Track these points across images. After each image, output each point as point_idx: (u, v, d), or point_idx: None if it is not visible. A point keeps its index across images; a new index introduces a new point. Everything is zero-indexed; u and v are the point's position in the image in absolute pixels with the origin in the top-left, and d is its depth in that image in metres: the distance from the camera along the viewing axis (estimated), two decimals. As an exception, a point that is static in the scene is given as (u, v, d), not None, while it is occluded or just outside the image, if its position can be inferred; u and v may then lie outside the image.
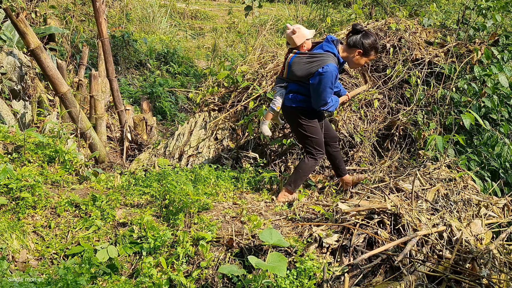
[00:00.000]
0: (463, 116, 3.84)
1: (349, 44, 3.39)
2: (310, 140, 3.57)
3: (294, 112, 3.51)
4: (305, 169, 3.64)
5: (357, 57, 3.39)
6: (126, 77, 8.66)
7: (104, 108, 5.67)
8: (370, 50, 3.36)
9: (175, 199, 3.25)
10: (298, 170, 3.65)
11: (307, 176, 3.72)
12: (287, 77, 3.45)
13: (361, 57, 3.39)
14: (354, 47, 3.37)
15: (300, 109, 3.49)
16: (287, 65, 3.41)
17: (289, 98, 3.49)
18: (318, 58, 3.31)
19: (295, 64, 3.37)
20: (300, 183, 3.71)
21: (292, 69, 3.38)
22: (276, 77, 3.58)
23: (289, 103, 3.50)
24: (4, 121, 4.62)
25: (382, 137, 4.74)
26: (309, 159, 3.62)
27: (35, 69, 5.59)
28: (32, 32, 4.12)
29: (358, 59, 3.41)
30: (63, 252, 2.93)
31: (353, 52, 3.39)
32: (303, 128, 3.53)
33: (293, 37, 3.38)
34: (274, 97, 3.53)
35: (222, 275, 2.75)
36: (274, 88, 3.57)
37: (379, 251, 2.62)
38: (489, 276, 2.51)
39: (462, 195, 3.34)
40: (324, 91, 3.34)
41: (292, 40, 3.40)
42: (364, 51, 3.36)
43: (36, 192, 3.20)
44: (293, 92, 3.47)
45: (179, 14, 14.05)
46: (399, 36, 5.11)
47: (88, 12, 9.07)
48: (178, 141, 5.02)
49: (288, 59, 3.43)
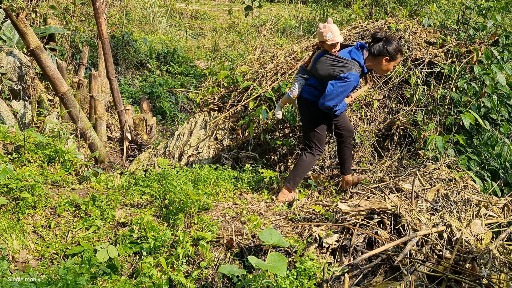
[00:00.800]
0: (463, 116, 3.84)
1: (374, 54, 3.43)
2: (314, 133, 3.61)
3: (310, 103, 3.57)
4: (304, 165, 3.66)
5: (385, 63, 3.45)
6: (126, 77, 8.66)
7: (104, 108, 5.68)
8: (396, 54, 3.41)
9: (175, 199, 3.25)
10: (297, 167, 3.68)
11: (306, 173, 3.73)
12: (311, 70, 3.53)
13: (388, 63, 3.45)
14: (380, 56, 3.42)
15: (312, 104, 3.56)
16: (313, 60, 3.49)
17: (307, 90, 3.57)
18: (343, 64, 3.35)
19: (320, 62, 3.44)
20: (299, 180, 3.72)
21: (317, 66, 3.46)
22: (301, 66, 3.65)
23: (306, 95, 3.57)
24: (4, 121, 4.62)
25: (382, 137, 4.74)
26: (307, 155, 3.65)
27: (35, 69, 5.59)
28: (32, 32, 4.12)
29: (387, 65, 3.47)
30: (63, 252, 2.93)
31: (379, 60, 3.44)
32: (313, 119, 3.59)
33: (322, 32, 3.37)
34: (293, 85, 3.60)
35: (222, 275, 2.75)
36: (296, 76, 3.63)
37: (379, 251, 2.62)
38: (489, 276, 2.51)
39: (462, 195, 3.34)
40: (337, 97, 3.38)
41: (320, 34, 3.40)
42: (390, 57, 3.41)
43: (36, 192, 3.20)
44: (312, 86, 3.55)
45: (179, 14, 14.05)
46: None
47: (88, 12, 9.08)
48: (178, 141, 5.03)
49: (315, 54, 3.50)
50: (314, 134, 3.62)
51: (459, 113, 4.35)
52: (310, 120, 3.62)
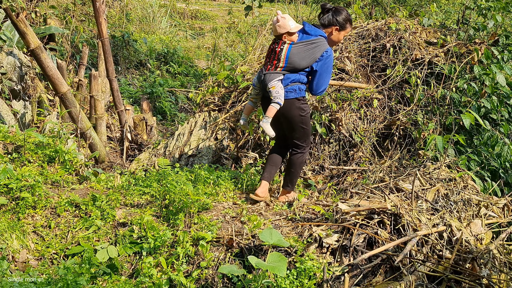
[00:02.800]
0: (463, 116, 3.84)
1: (324, 24, 3.43)
2: (304, 132, 3.48)
3: (295, 104, 3.39)
4: (298, 166, 3.57)
5: (335, 33, 3.45)
6: (126, 77, 8.66)
7: (104, 108, 5.67)
8: (345, 24, 3.43)
9: (175, 199, 3.25)
10: (291, 170, 3.58)
11: (301, 171, 3.69)
12: (285, 67, 3.32)
13: (339, 32, 3.45)
14: (330, 26, 3.43)
15: (302, 100, 3.41)
16: (285, 56, 3.29)
17: (292, 90, 3.36)
18: (318, 43, 3.29)
19: (294, 54, 3.28)
20: (297, 180, 3.69)
21: (293, 60, 3.28)
22: (265, 72, 3.36)
23: (293, 95, 3.36)
24: (4, 121, 4.62)
25: (382, 137, 4.74)
26: (298, 156, 3.54)
27: (35, 69, 5.59)
28: (32, 32, 4.12)
29: (337, 35, 3.46)
30: (63, 252, 2.93)
31: (330, 30, 3.44)
32: (301, 120, 3.44)
33: (283, 24, 3.28)
34: (276, 92, 3.32)
35: (222, 275, 2.75)
36: (272, 82, 3.33)
37: (379, 251, 2.62)
38: (489, 276, 2.51)
39: (462, 195, 3.34)
40: (328, 75, 3.38)
41: (281, 27, 3.29)
42: (340, 27, 3.43)
43: (36, 192, 3.20)
44: (295, 82, 3.36)
45: (179, 14, 14.05)
46: (399, 36, 5.12)
47: (88, 12, 9.08)
48: (178, 141, 5.03)
49: (284, 51, 3.29)
50: (305, 132, 3.49)
51: (459, 113, 4.35)
52: (299, 120, 3.43)
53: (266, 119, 3.38)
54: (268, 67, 3.36)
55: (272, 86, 3.33)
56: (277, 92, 3.32)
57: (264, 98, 3.48)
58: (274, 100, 3.33)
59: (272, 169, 3.63)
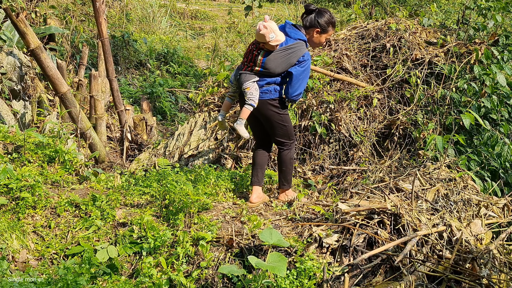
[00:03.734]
0: (463, 116, 3.84)
1: (306, 26, 3.39)
2: (286, 129, 3.48)
3: (271, 104, 3.39)
4: (288, 163, 3.57)
5: (316, 36, 3.40)
6: (126, 77, 8.66)
7: (104, 108, 5.68)
8: (327, 27, 3.38)
9: (175, 199, 3.25)
10: (282, 168, 3.59)
11: (292, 167, 3.68)
12: (261, 71, 3.30)
13: (320, 35, 3.40)
14: (312, 27, 3.38)
15: (278, 100, 3.40)
16: (261, 61, 3.27)
17: (267, 91, 3.36)
18: (295, 49, 3.26)
19: (270, 61, 3.26)
20: (291, 177, 3.69)
21: (268, 65, 3.27)
22: (242, 71, 3.33)
23: (268, 96, 3.36)
24: (4, 121, 4.62)
25: (382, 137, 4.74)
26: (285, 153, 3.54)
27: (35, 69, 5.59)
28: (32, 32, 4.12)
29: (318, 37, 3.41)
30: (63, 252, 2.93)
31: (311, 32, 3.40)
32: (280, 118, 3.44)
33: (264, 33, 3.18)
34: (251, 93, 3.30)
35: (222, 275, 2.75)
36: (247, 83, 3.30)
37: (379, 251, 2.62)
38: (489, 276, 2.51)
39: (462, 195, 3.34)
40: (304, 80, 3.35)
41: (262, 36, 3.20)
42: (322, 29, 3.37)
43: (36, 192, 3.20)
44: (270, 84, 3.36)
45: (179, 14, 14.04)
46: (399, 36, 5.12)
47: (88, 12, 9.08)
48: (178, 141, 5.03)
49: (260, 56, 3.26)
50: (286, 130, 3.49)
51: (459, 113, 4.35)
52: (278, 119, 3.44)
53: (240, 121, 3.38)
54: (245, 67, 3.35)
55: (247, 87, 3.31)
56: (251, 94, 3.31)
57: (242, 96, 3.45)
58: (247, 102, 3.33)
59: (259, 171, 3.61)
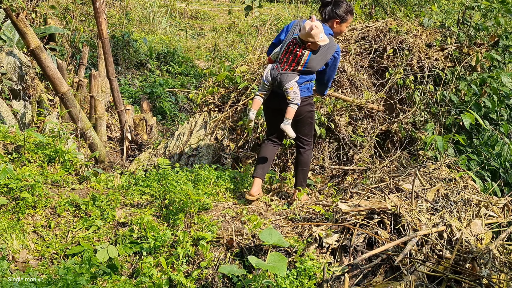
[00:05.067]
0: (463, 116, 3.84)
1: (325, 18, 3.41)
2: (311, 126, 3.57)
3: (307, 101, 3.44)
4: (309, 163, 3.64)
5: (337, 26, 3.43)
6: (126, 77, 8.66)
7: (104, 108, 5.68)
8: (346, 16, 3.40)
9: (175, 199, 3.25)
10: (304, 169, 3.61)
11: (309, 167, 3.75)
12: (303, 69, 3.31)
13: (340, 25, 3.43)
14: (331, 19, 3.40)
15: (312, 97, 3.49)
16: (305, 61, 3.28)
17: (305, 89, 3.40)
18: (329, 45, 3.29)
19: (313, 60, 3.29)
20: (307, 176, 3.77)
21: (311, 65, 3.30)
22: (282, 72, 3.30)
23: (306, 94, 3.40)
24: (4, 121, 4.62)
25: (383, 138, 4.74)
26: (308, 152, 3.59)
27: (35, 69, 5.59)
28: (32, 32, 4.12)
29: (339, 27, 3.44)
30: (63, 252, 2.93)
31: (331, 24, 3.41)
32: (311, 115, 3.52)
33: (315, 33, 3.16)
34: (294, 92, 3.31)
35: (222, 275, 2.75)
36: (290, 83, 3.30)
37: (379, 251, 2.62)
38: (489, 276, 2.51)
39: (462, 195, 3.34)
40: (334, 73, 3.44)
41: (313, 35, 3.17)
42: (341, 19, 3.39)
43: (36, 192, 3.20)
44: (308, 81, 3.41)
45: (179, 14, 14.05)
46: (400, 39, 5.11)
47: (88, 12, 9.08)
48: (178, 141, 5.03)
49: (305, 56, 3.27)
50: (311, 127, 3.56)
51: (459, 113, 4.35)
52: (309, 115, 3.49)
53: (287, 121, 3.37)
54: (286, 67, 3.32)
55: (291, 87, 3.32)
56: (295, 93, 3.33)
57: (273, 94, 3.44)
58: (293, 102, 3.33)
59: (266, 165, 3.60)
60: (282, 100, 3.38)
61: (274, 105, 3.47)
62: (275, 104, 3.45)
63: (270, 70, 3.38)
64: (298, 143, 3.59)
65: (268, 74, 3.39)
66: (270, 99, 3.48)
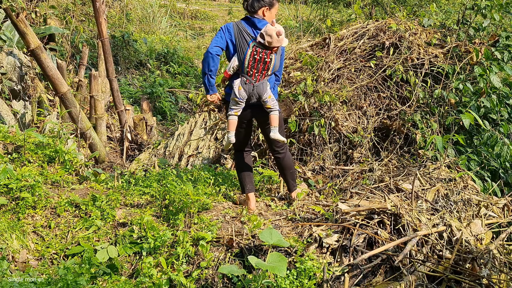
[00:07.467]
0: (463, 116, 3.84)
1: (253, 11, 3.31)
2: (283, 128, 3.54)
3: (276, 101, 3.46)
4: (292, 164, 3.62)
5: (268, 13, 3.34)
6: (126, 77, 8.66)
7: (104, 108, 5.68)
8: (273, 0, 3.33)
9: (175, 199, 3.25)
10: (290, 171, 3.59)
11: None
12: (269, 75, 3.30)
13: (270, 11, 3.34)
14: (260, 8, 3.31)
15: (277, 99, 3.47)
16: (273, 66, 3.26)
17: (275, 92, 3.40)
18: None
19: (277, 61, 3.29)
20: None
21: (276, 66, 3.30)
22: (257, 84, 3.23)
23: (276, 96, 3.41)
24: (4, 121, 4.62)
25: (382, 137, 4.74)
26: (288, 154, 3.57)
27: (35, 69, 5.59)
28: (32, 32, 4.12)
29: (269, 14, 3.35)
30: (63, 252, 2.93)
31: (262, 13, 3.32)
32: (281, 117, 3.48)
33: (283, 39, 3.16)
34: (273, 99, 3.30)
35: (222, 275, 2.75)
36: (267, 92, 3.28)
37: (379, 251, 2.62)
38: (489, 276, 2.51)
39: (462, 195, 3.34)
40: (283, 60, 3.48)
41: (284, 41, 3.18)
42: (269, 5, 3.32)
43: (36, 192, 3.20)
44: (274, 82, 3.41)
45: (179, 14, 14.04)
46: (399, 36, 5.11)
47: (88, 12, 9.08)
48: (178, 141, 5.03)
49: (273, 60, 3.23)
50: (283, 129, 3.52)
51: (459, 113, 4.35)
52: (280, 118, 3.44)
53: (275, 129, 3.35)
54: (258, 78, 3.24)
55: (269, 96, 3.29)
56: (273, 100, 3.32)
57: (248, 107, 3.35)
58: (275, 108, 3.33)
59: (251, 178, 3.58)
60: (253, 111, 3.36)
61: (246, 117, 3.40)
62: (246, 117, 3.39)
63: (242, 86, 3.23)
64: (275, 149, 3.50)
65: (241, 91, 3.24)
66: (241, 112, 3.37)
